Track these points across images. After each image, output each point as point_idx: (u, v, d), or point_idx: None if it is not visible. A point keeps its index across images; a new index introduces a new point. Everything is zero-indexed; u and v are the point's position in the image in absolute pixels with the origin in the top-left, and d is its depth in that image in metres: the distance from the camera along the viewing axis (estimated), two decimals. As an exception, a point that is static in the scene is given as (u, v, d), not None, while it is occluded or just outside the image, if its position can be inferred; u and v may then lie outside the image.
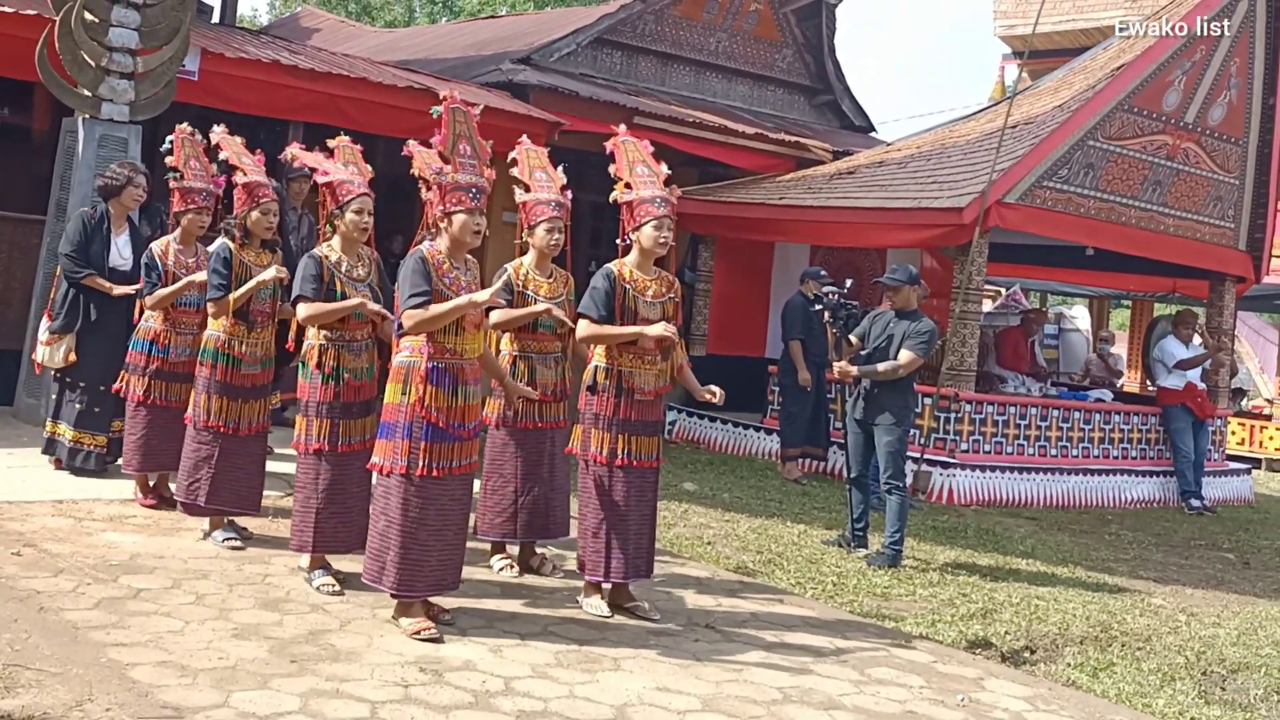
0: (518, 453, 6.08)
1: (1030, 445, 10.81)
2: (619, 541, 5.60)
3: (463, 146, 5.16)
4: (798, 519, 8.68)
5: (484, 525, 6.14)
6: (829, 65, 16.19)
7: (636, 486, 5.65)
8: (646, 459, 5.67)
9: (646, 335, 5.52)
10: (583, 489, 5.70)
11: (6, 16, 8.56)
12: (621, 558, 5.61)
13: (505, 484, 6.08)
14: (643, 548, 5.70)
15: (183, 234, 6.80)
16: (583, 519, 5.70)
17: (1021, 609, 6.70)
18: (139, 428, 6.67)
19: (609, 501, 5.60)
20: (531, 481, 6.09)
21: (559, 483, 6.25)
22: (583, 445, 5.68)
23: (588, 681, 4.72)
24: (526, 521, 6.11)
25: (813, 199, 11.93)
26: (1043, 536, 9.18)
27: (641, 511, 5.68)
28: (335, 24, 21.25)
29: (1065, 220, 10.94)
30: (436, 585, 5.10)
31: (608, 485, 5.61)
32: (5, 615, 4.67)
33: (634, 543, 5.65)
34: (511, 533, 6.12)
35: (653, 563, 5.81)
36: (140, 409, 6.68)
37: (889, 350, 7.58)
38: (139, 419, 6.68)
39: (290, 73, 10.31)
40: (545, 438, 6.13)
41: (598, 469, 5.63)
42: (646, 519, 5.72)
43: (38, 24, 8.52)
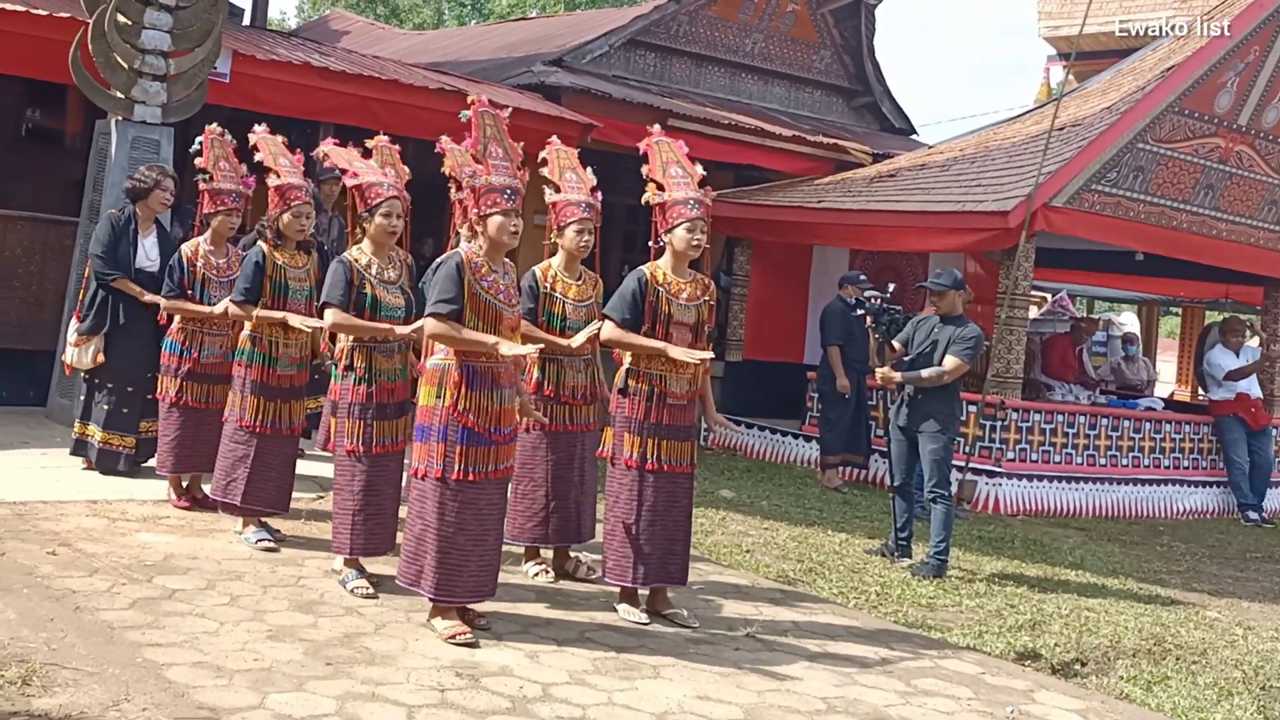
0: (548, 456, 5.99)
1: (1079, 454, 10.62)
2: (649, 546, 5.50)
3: (494, 149, 5.10)
4: (839, 527, 8.55)
5: (514, 530, 6.04)
6: (868, 66, 16.05)
7: (667, 491, 5.54)
8: (679, 464, 5.56)
9: (670, 354, 5.40)
10: (610, 493, 5.60)
11: (41, 19, 8.61)
12: (651, 562, 5.51)
13: (536, 488, 5.99)
14: (675, 553, 5.59)
15: (213, 235, 6.78)
16: (609, 523, 5.60)
17: (1071, 621, 6.55)
18: (172, 429, 6.65)
19: (638, 506, 5.49)
20: (563, 485, 6.01)
21: (589, 486, 6.17)
22: (614, 449, 5.59)
23: (626, 689, 4.62)
24: (558, 526, 6.03)
25: (852, 202, 11.79)
26: (1092, 547, 9.00)
27: (674, 516, 5.57)
28: (364, 26, 21.33)
29: (1114, 224, 10.75)
30: (476, 591, 5.03)
31: (637, 490, 5.50)
32: (42, 614, 4.65)
33: (664, 548, 5.54)
34: (543, 537, 6.05)
35: (687, 569, 5.70)
36: (173, 410, 6.66)
37: (933, 356, 7.45)
38: (172, 420, 6.66)
39: (321, 75, 10.32)
40: (576, 441, 6.04)
41: (627, 473, 5.53)
42: (680, 524, 5.61)
43: (71, 26, 8.56)
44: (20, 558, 5.37)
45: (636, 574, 5.51)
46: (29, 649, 4.25)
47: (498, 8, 33.82)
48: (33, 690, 3.89)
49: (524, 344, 5.84)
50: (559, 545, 6.15)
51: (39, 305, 9.45)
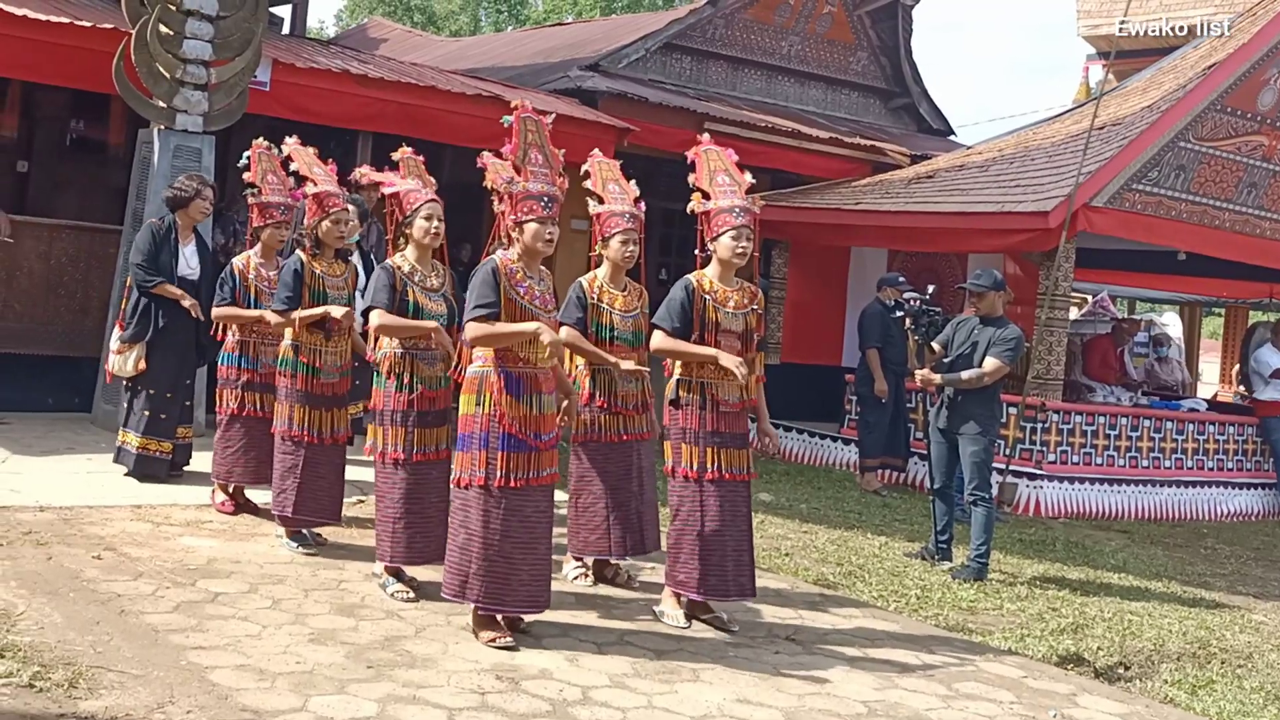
0: (605, 468, 5.96)
1: (1120, 456, 10.52)
2: (718, 557, 5.45)
3: (534, 155, 5.09)
4: (879, 531, 8.51)
5: (578, 544, 6.03)
6: (906, 67, 15.97)
7: (730, 501, 5.50)
8: (738, 472, 5.53)
9: (721, 361, 5.38)
10: (672, 505, 5.57)
11: (84, 30, 8.72)
12: (722, 574, 5.45)
13: (595, 501, 5.96)
14: (744, 564, 5.54)
15: (263, 249, 6.84)
16: (672, 536, 5.56)
17: (1114, 624, 6.49)
18: (237, 440, 6.67)
19: (701, 517, 5.44)
20: (623, 495, 5.97)
21: (649, 496, 6.11)
22: (673, 461, 5.56)
23: (666, 692, 4.62)
24: (620, 538, 5.97)
25: (890, 204, 11.74)
26: (1135, 550, 8.92)
27: (739, 526, 5.53)
28: (402, 34, 21.43)
29: (1156, 224, 10.64)
30: (530, 602, 5.00)
31: (699, 500, 5.46)
32: (88, 617, 4.71)
33: (734, 559, 5.49)
34: (606, 549, 5.98)
35: (754, 580, 5.62)
36: (234, 422, 6.69)
37: (973, 358, 7.40)
38: (234, 432, 6.69)
39: (360, 82, 10.39)
40: (631, 451, 6.02)
41: (689, 484, 5.49)
42: (745, 534, 5.56)
43: (114, 37, 8.67)
44: (66, 562, 5.45)
45: (707, 584, 5.45)
46: (75, 651, 4.30)
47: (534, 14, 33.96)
48: (79, 692, 3.94)
49: (574, 356, 5.89)
50: (623, 558, 6.09)
51: (84, 313, 9.58)
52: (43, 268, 9.49)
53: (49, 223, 9.75)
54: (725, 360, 5.36)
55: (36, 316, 9.46)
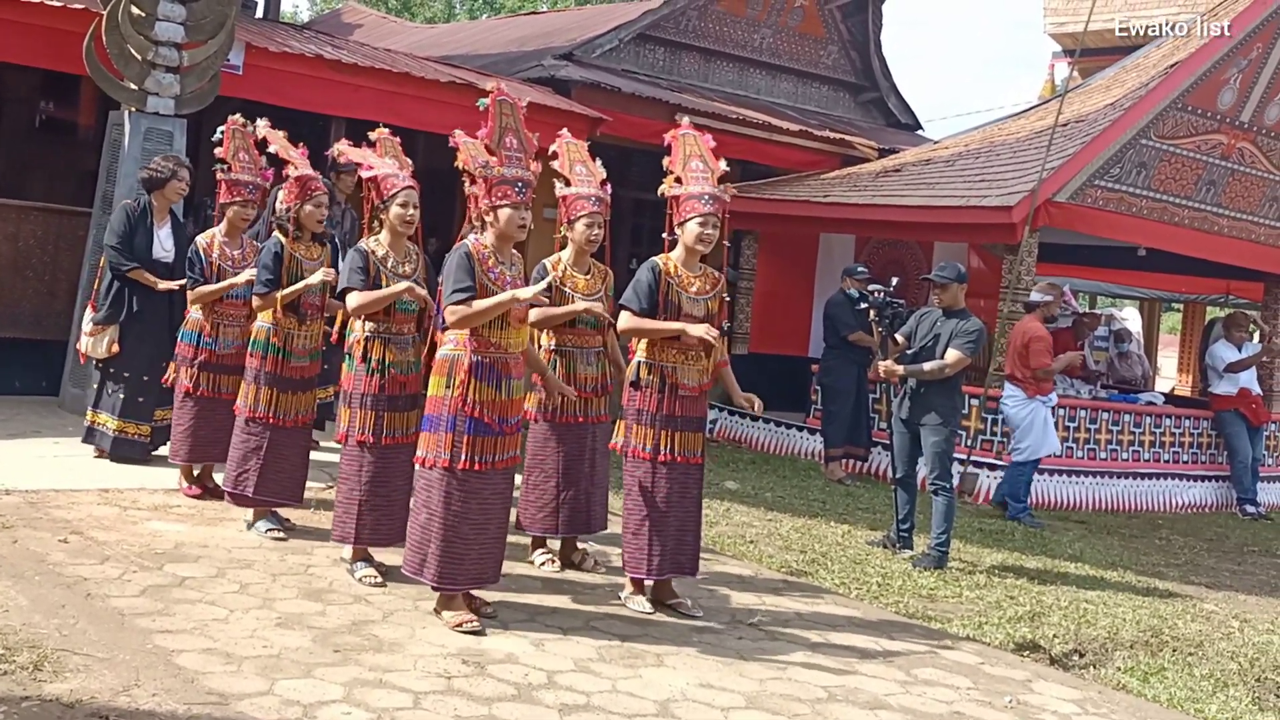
0: (559, 448, 6.04)
1: (1079, 448, 10.66)
2: (661, 538, 5.56)
3: (509, 140, 5.11)
4: (841, 519, 8.60)
5: (526, 520, 6.12)
6: (875, 62, 16.07)
7: (680, 482, 5.60)
8: (690, 455, 5.62)
9: (690, 334, 5.45)
10: (627, 485, 5.66)
11: (55, 10, 8.65)
12: (663, 554, 5.57)
13: (547, 479, 6.05)
14: (686, 544, 5.66)
15: (228, 226, 6.80)
16: (626, 515, 5.66)
17: (1070, 612, 6.60)
18: (187, 418, 6.69)
19: (651, 498, 5.56)
20: (574, 476, 6.06)
21: (600, 478, 6.22)
22: (626, 441, 5.65)
23: (630, 677, 4.68)
24: (568, 517, 6.08)
25: (858, 196, 11.83)
26: (1091, 540, 9.04)
27: (685, 508, 5.64)
28: (376, 20, 21.29)
29: (1117, 220, 10.78)
30: (477, 579, 5.08)
31: (650, 481, 5.56)
32: (54, 600, 4.71)
33: (676, 539, 5.61)
34: (553, 528, 6.10)
35: (698, 560, 5.76)
36: (188, 400, 6.70)
37: (935, 349, 7.49)
38: (187, 410, 6.70)
39: (333, 68, 10.36)
40: (587, 433, 6.10)
41: (641, 465, 5.58)
42: (691, 515, 5.67)
43: (85, 18, 8.60)
44: (32, 545, 5.44)
45: (651, 565, 5.57)
46: (41, 635, 4.30)
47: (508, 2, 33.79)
48: (44, 675, 3.94)
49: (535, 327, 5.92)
50: (568, 536, 6.21)
51: (52, 295, 9.52)
52: (10, 249, 9.41)
53: (17, 204, 9.66)
54: (693, 329, 5.42)
55: (3, 298, 9.38)
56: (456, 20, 30.97)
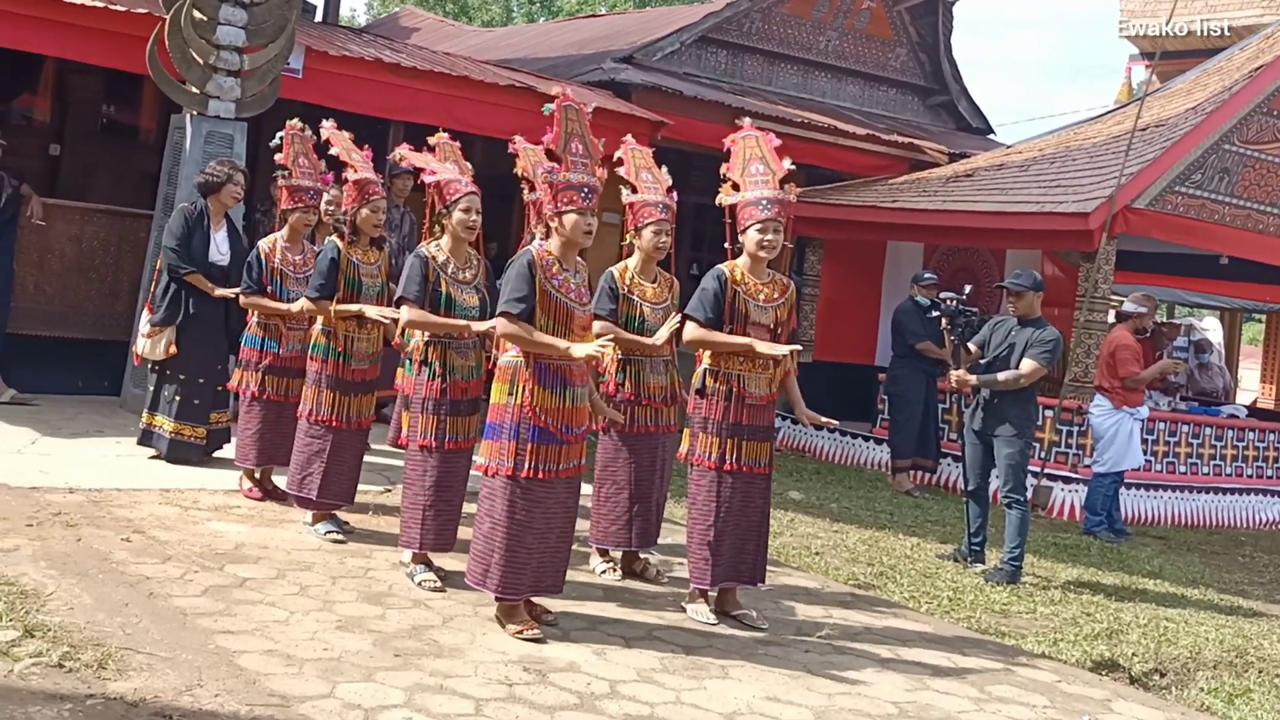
0: (630, 459, 5.94)
1: (1158, 461, 10.38)
2: (725, 548, 5.45)
3: (575, 145, 5.04)
4: (910, 532, 8.42)
5: (598, 534, 6.02)
6: (945, 65, 15.81)
7: (744, 492, 5.48)
8: (756, 464, 5.50)
9: (757, 350, 5.33)
10: (691, 494, 5.56)
11: (119, 15, 8.72)
12: (728, 564, 5.46)
13: (619, 491, 5.94)
14: (749, 554, 5.54)
15: (290, 232, 6.81)
16: (690, 525, 5.55)
17: (1150, 630, 6.40)
18: (254, 422, 6.67)
19: (716, 507, 5.44)
20: (646, 488, 5.96)
21: (665, 489, 6.15)
22: (690, 449, 5.54)
23: (695, 688, 4.57)
24: (641, 529, 5.97)
25: (928, 202, 11.63)
26: (1171, 556, 8.80)
27: (750, 518, 5.51)
28: (434, 23, 21.35)
29: (1198, 227, 10.50)
30: (537, 586, 5.00)
31: (715, 490, 5.44)
32: (117, 599, 4.71)
33: (739, 548, 5.48)
34: (626, 540, 5.99)
35: (764, 570, 5.64)
36: (255, 404, 6.68)
37: (1010, 359, 7.31)
38: (254, 414, 6.68)
39: (393, 71, 10.36)
40: (657, 443, 6.00)
41: (706, 474, 5.47)
42: (755, 525, 5.55)
43: (148, 22, 8.67)
44: (96, 544, 5.44)
45: (715, 575, 5.45)
46: (105, 633, 4.30)
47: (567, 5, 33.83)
48: (108, 673, 3.94)
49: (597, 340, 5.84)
50: (639, 548, 6.09)
51: (114, 296, 9.61)
52: (74, 251, 9.51)
53: (80, 206, 9.77)
54: (761, 347, 5.30)
55: (67, 299, 9.48)
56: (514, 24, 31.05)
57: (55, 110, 11.56)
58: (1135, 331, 9.57)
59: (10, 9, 8.45)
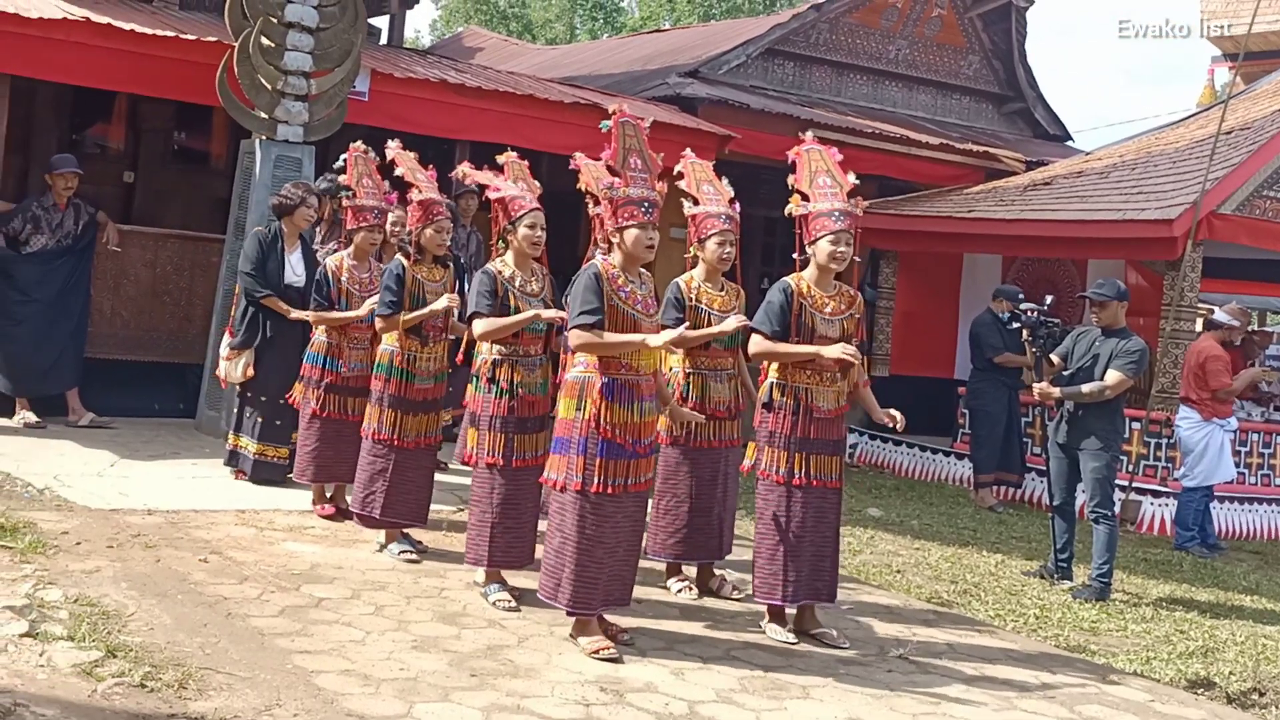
0: (692, 472, 5.88)
1: (1252, 474, 10.08)
2: (796, 563, 5.34)
3: (633, 160, 5.04)
4: (994, 548, 8.23)
5: (655, 545, 5.96)
6: (1019, 71, 15.55)
7: (815, 507, 5.38)
8: (826, 479, 5.40)
9: (824, 356, 5.25)
10: (759, 509, 5.47)
11: (189, 44, 8.84)
12: (799, 580, 5.34)
13: (679, 504, 5.89)
14: (823, 570, 5.43)
15: (356, 251, 6.84)
16: (758, 540, 5.45)
17: (1247, 648, 6.19)
18: (313, 439, 6.71)
19: (785, 522, 5.34)
20: (706, 502, 5.89)
21: (731, 503, 6.07)
22: (758, 463, 5.46)
23: (775, 709, 4.48)
24: (701, 543, 5.92)
25: (1005, 211, 11.43)
26: (1268, 572, 8.53)
27: (822, 533, 5.41)
28: (498, 43, 21.44)
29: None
30: (607, 601, 4.97)
31: (785, 505, 5.35)
32: (196, 619, 4.73)
33: (812, 564, 5.38)
34: (685, 554, 5.94)
35: (836, 587, 5.52)
36: (314, 421, 6.72)
37: (1094, 371, 7.13)
38: (313, 431, 6.73)
39: (457, 91, 10.42)
40: (720, 457, 5.93)
41: (774, 489, 5.38)
42: (828, 541, 5.45)
43: (217, 50, 8.81)
44: (174, 565, 5.48)
45: (785, 592, 5.36)
46: (185, 653, 4.32)
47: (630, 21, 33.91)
48: (189, 693, 3.95)
49: (667, 359, 5.79)
50: (702, 562, 6.03)
51: (188, 320, 9.74)
52: (149, 276, 9.65)
53: (154, 232, 9.92)
54: (827, 351, 5.22)
55: (143, 324, 9.62)
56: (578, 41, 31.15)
57: (129, 138, 11.78)
58: (1223, 343, 9.30)
59: (82, 41, 8.59)
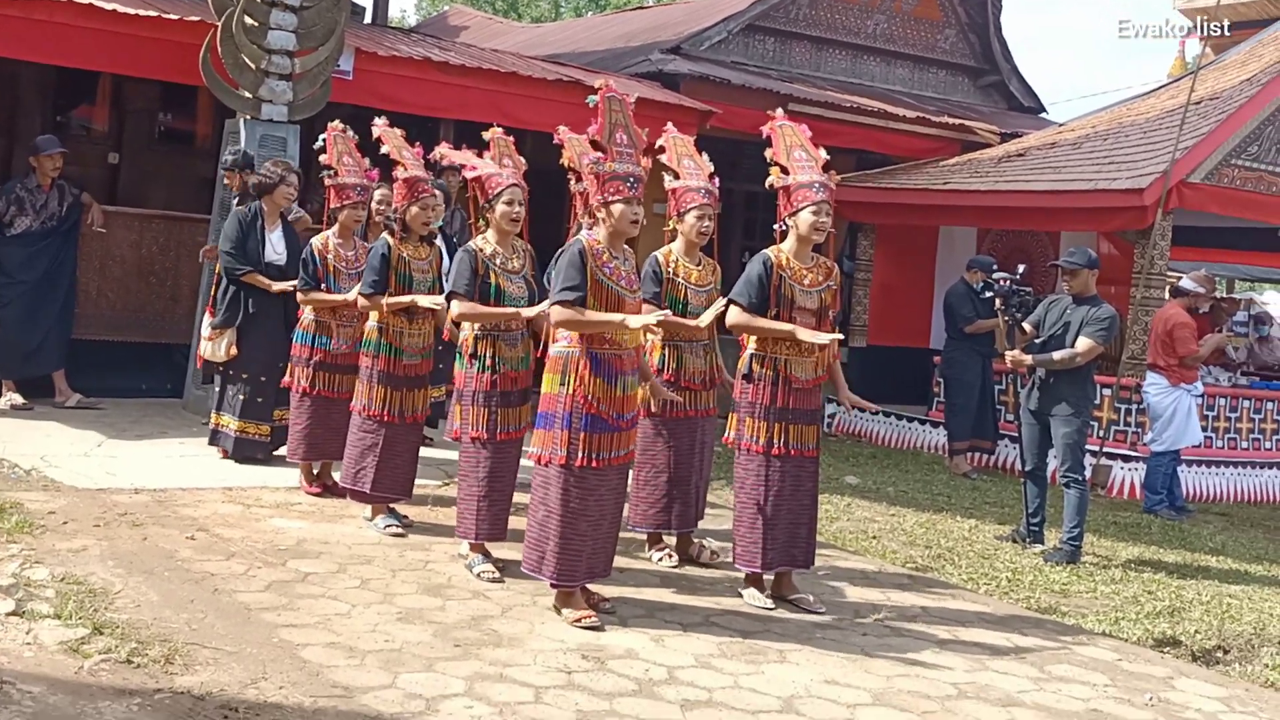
0: (670, 443, 5.98)
1: (1219, 438, 10.24)
2: (774, 531, 5.47)
3: (619, 136, 5.08)
4: (968, 514, 8.37)
5: (637, 517, 6.05)
6: (995, 44, 15.61)
7: (793, 475, 5.49)
8: (804, 448, 5.51)
9: (799, 337, 5.34)
10: (738, 478, 5.58)
11: (171, 24, 8.82)
12: (777, 547, 5.47)
13: (658, 475, 5.99)
14: (800, 537, 5.55)
15: (340, 229, 6.89)
16: (739, 509, 5.57)
17: (1212, 607, 6.33)
18: (303, 417, 6.79)
19: (765, 491, 5.46)
20: (684, 471, 6.00)
21: (706, 472, 6.19)
22: (738, 434, 5.55)
23: (753, 673, 4.59)
24: (680, 512, 6.03)
25: (980, 183, 11.53)
26: (1234, 533, 8.69)
27: (800, 500, 5.53)
28: (483, 21, 21.38)
29: (1255, 200, 10.34)
30: (590, 573, 5.06)
31: (764, 474, 5.46)
32: (183, 596, 4.80)
33: (789, 531, 5.50)
34: (665, 523, 6.05)
35: (813, 553, 5.66)
36: (305, 399, 6.79)
37: (1065, 338, 7.25)
38: (303, 409, 6.80)
39: (442, 69, 10.42)
40: (696, 427, 6.03)
41: (753, 458, 5.49)
42: (806, 508, 5.57)
43: (200, 30, 8.79)
44: (161, 542, 5.55)
45: (766, 559, 5.48)
46: (171, 629, 4.39)
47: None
48: (175, 668, 4.02)
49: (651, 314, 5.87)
50: (681, 531, 6.14)
51: (174, 300, 9.78)
52: (134, 256, 9.67)
53: (140, 213, 9.93)
54: (803, 334, 5.32)
55: (129, 304, 9.65)
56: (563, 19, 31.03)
57: (113, 119, 11.74)
58: (1190, 309, 9.44)
59: (64, 22, 8.57)
